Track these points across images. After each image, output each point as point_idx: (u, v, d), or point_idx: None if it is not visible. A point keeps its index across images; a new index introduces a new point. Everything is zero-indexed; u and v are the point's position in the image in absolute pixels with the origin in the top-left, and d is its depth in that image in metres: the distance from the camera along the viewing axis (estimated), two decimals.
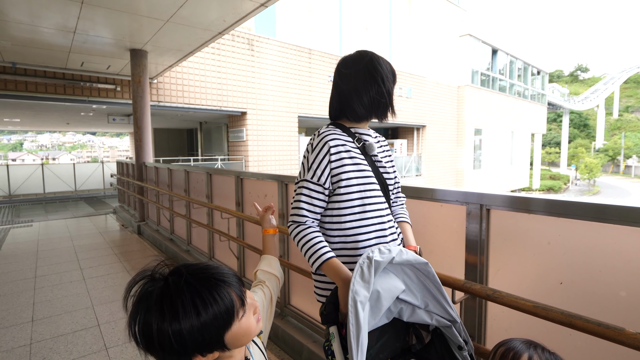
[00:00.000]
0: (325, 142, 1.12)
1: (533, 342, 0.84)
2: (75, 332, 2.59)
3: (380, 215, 1.16)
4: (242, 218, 2.80)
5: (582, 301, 1.15)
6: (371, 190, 1.15)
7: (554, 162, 50.70)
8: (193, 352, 0.64)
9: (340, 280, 0.98)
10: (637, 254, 1.04)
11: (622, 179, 48.14)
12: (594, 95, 55.53)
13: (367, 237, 1.13)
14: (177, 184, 4.54)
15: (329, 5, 11.87)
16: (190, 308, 0.61)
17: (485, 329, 1.40)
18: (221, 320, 0.64)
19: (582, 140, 57.08)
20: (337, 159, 1.11)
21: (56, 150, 63.69)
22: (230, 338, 0.66)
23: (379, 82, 1.15)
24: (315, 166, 1.11)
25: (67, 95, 6.89)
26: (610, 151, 50.58)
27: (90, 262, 4.25)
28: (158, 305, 0.61)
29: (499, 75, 18.56)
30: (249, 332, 0.69)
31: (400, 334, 1.01)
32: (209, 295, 0.63)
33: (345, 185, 1.11)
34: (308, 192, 1.12)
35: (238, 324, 0.67)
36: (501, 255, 1.35)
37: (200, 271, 0.66)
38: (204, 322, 0.62)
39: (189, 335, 0.61)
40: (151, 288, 0.64)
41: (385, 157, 1.26)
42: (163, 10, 4.15)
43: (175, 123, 13.58)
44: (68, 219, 7.40)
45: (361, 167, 1.15)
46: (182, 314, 0.60)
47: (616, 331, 0.92)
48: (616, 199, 9.26)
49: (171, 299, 0.61)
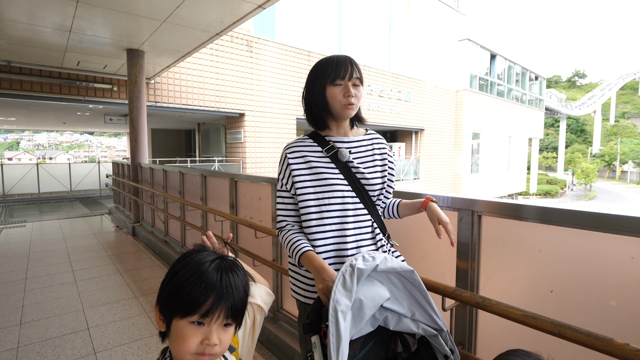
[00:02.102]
0: (284, 153, 1.20)
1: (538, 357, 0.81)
2: (63, 335, 2.55)
3: (342, 222, 1.13)
4: (236, 221, 2.78)
5: (573, 310, 1.14)
6: (333, 198, 1.12)
7: (551, 166, 50.91)
8: (160, 302, 0.73)
9: (314, 270, 1.03)
10: (627, 264, 1.03)
11: (618, 184, 48.37)
12: (591, 101, 55.90)
13: (325, 243, 1.13)
14: (172, 185, 4.52)
15: (329, 7, 11.89)
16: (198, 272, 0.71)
17: (475, 337, 1.38)
18: (187, 300, 0.68)
19: (579, 145, 57.38)
20: (295, 166, 1.15)
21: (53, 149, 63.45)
22: (174, 327, 0.70)
23: (306, 92, 1.21)
24: (280, 176, 1.21)
25: (63, 94, 6.85)
26: (606, 157, 50.83)
27: (82, 264, 4.21)
28: (197, 259, 0.74)
29: (497, 80, 18.63)
30: (182, 341, 0.68)
31: (386, 343, 1.00)
32: (211, 279, 0.71)
33: (301, 194, 1.14)
34: (281, 199, 1.21)
35: (188, 325, 0.69)
36: (492, 262, 1.33)
37: (236, 267, 0.77)
38: (186, 288, 0.69)
39: (172, 284, 0.72)
40: (209, 256, 0.76)
41: (365, 163, 1.21)
42: (160, 11, 4.14)
43: (173, 124, 13.54)
44: (62, 220, 7.34)
45: (323, 176, 1.13)
46: (190, 269, 0.72)
47: (605, 342, 0.91)
48: (612, 204, 9.33)
49: (206, 264, 0.74)
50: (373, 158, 1.23)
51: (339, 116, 1.17)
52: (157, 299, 0.74)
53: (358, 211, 1.16)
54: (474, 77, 16.82)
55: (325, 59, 1.17)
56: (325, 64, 1.16)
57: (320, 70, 1.16)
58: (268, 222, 2.51)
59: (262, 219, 2.61)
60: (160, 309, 0.73)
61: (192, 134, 15.08)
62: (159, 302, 0.73)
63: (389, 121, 13.40)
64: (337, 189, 1.13)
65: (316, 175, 1.14)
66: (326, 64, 1.15)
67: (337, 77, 1.13)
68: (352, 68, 1.14)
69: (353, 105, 1.15)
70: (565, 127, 47.04)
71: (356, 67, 1.16)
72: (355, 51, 12.59)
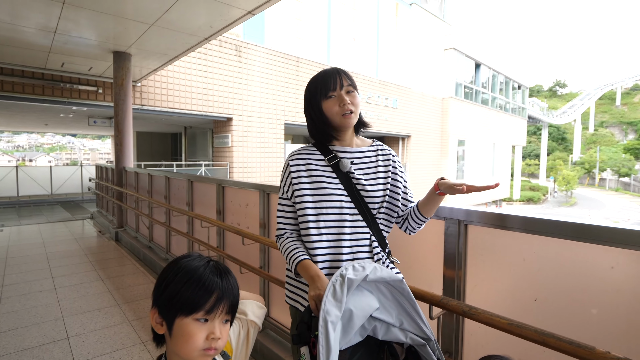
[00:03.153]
0: (287, 160, 1.21)
1: None
2: (42, 345, 2.47)
3: (338, 232, 1.12)
4: (223, 228, 2.74)
5: (556, 318, 1.16)
6: (330, 208, 1.12)
7: (533, 173, 52.21)
8: (158, 305, 0.76)
9: (309, 278, 1.03)
10: (608, 273, 1.06)
11: (597, 191, 49.92)
12: (571, 110, 57.77)
13: (321, 253, 1.12)
14: (157, 190, 4.44)
15: (318, 14, 11.99)
16: (195, 272, 0.76)
17: (462, 345, 1.39)
18: (190, 300, 0.73)
19: (560, 153, 59.07)
20: (296, 174, 1.16)
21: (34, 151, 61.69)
22: (177, 326, 0.73)
23: (306, 110, 1.22)
24: (282, 183, 1.21)
25: (46, 96, 6.68)
26: (586, 164, 52.46)
27: (62, 270, 4.09)
28: (191, 263, 0.80)
29: (481, 88, 19.07)
30: (189, 339, 0.72)
31: (374, 353, 1.00)
32: (210, 278, 0.77)
33: (300, 201, 1.14)
34: (282, 207, 1.21)
35: (193, 322, 0.73)
36: (478, 270, 1.35)
37: (224, 271, 0.82)
38: (187, 289, 0.73)
39: (172, 287, 0.75)
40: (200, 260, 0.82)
41: (367, 174, 1.18)
42: (148, 14, 4.09)
43: (159, 127, 13.35)
44: (42, 224, 7.12)
45: (322, 185, 1.13)
46: (187, 272, 0.76)
47: (587, 350, 0.93)
48: (592, 211, 9.64)
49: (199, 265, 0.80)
50: (376, 170, 1.20)
51: (340, 127, 1.17)
52: (155, 302, 0.77)
53: (356, 222, 1.14)
54: (459, 85, 17.18)
55: (314, 77, 1.18)
56: (315, 81, 1.17)
57: (312, 88, 1.17)
58: (256, 229, 2.49)
59: (249, 225, 2.59)
60: (160, 311, 0.75)
61: (179, 137, 14.90)
62: (158, 304, 0.76)
63: (376, 128, 13.52)
64: (335, 198, 1.13)
65: (316, 183, 1.14)
66: (316, 81, 1.16)
67: (328, 90, 1.13)
68: (340, 77, 1.14)
69: (352, 114, 1.14)
70: (547, 135, 48.38)
71: (345, 75, 1.16)
72: (344, 58, 12.71)
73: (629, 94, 74.03)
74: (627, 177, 49.16)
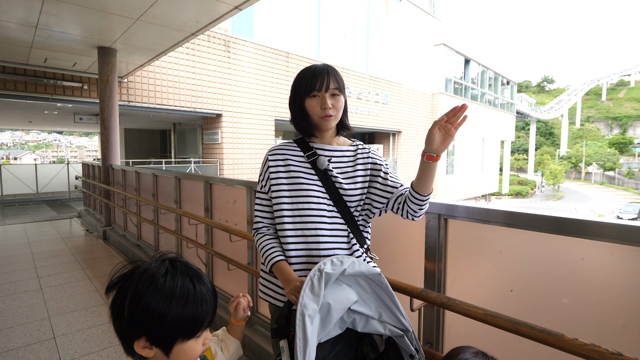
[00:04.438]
0: (266, 155, 1.22)
1: (482, 352, 0.87)
2: (27, 345, 2.44)
3: (316, 228, 1.12)
4: (211, 225, 2.74)
5: (531, 307, 1.20)
6: (308, 203, 1.12)
7: (522, 168, 52.99)
8: (147, 335, 0.70)
9: (284, 281, 1.05)
10: (579, 264, 1.10)
11: (583, 184, 50.98)
12: (559, 106, 58.69)
13: (297, 248, 1.12)
14: (145, 187, 4.40)
15: (308, 9, 11.93)
16: (184, 295, 0.71)
17: (443, 336, 1.43)
18: (192, 324, 0.71)
19: (547, 147, 60.05)
20: (274, 168, 1.18)
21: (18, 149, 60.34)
22: (177, 349, 0.72)
23: (290, 105, 1.22)
24: (260, 177, 1.23)
25: (28, 92, 6.55)
26: (573, 158, 53.49)
27: (49, 270, 4.03)
28: (161, 281, 0.70)
29: (471, 84, 19.24)
30: (191, 355, 0.74)
31: (354, 344, 1.02)
32: (200, 294, 0.73)
33: (276, 197, 1.15)
34: (259, 201, 1.22)
35: (194, 341, 0.74)
36: (458, 263, 1.39)
37: (199, 273, 0.77)
38: (184, 315, 0.70)
39: (169, 320, 0.69)
40: (157, 265, 0.74)
41: (344, 173, 1.18)
42: (133, 9, 4.03)
43: (148, 123, 13.18)
44: (27, 224, 7.00)
45: (300, 181, 1.13)
46: (176, 297, 0.70)
47: (557, 337, 0.97)
48: (578, 204, 9.91)
49: (173, 279, 0.71)
50: (354, 169, 1.20)
51: (318, 127, 1.17)
52: (145, 333, 0.70)
53: (334, 219, 1.15)
54: (449, 81, 17.31)
55: (303, 70, 1.17)
56: (303, 76, 1.15)
57: (298, 82, 1.16)
58: (243, 226, 2.50)
59: (237, 222, 2.59)
60: (153, 341, 0.70)
61: (168, 134, 14.73)
62: (149, 337, 0.70)
63: (367, 123, 13.57)
64: (313, 194, 1.13)
65: (293, 179, 1.14)
66: (303, 75, 1.15)
67: (312, 89, 1.12)
68: (328, 79, 1.12)
69: (331, 117, 1.14)
70: (535, 130, 49.09)
71: (334, 77, 1.13)
72: (334, 53, 12.69)
73: (614, 90, 75.50)
74: (611, 171, 50.28)
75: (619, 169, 49.82)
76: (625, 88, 74.68)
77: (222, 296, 2.77)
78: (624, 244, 1.02)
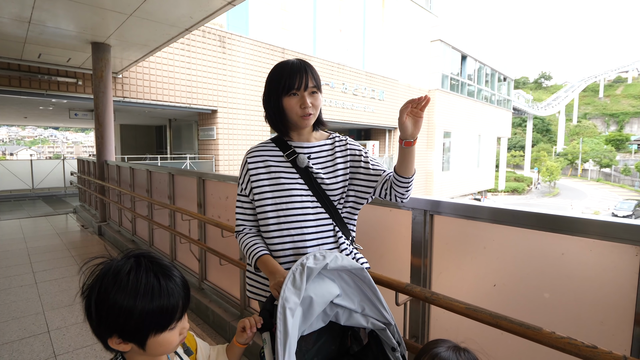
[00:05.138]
0: (245, 158, 1.21)
1: (457, 346, 0.89)
2: (22, 339, 2.46)
3: (304, 224, 1.14)
4: (204, 220, 2.76)
5: (513, 302, 1.23)
6: (292, 202, 1.13)
7: (518, 164, 53.21)
8: (117, 332, 0.71)
9: (269, 274, 1.06)
10: (559, 259, 1.12)
11: (580, 181, 51.27)
12: (556, 102, 58.83)
13: (284, 247, 1.14)
14: (139, 183, 4.40)
15: (303, 5, 11.86)
16: (149, 291, 0.71)
17: (428, 330, 1.46)
18: (161, 317, 0.72)
19: (544, 144, 60.28)
20: (254, 171, 1.17)
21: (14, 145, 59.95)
22: (152, 342, 0.73)
23: (264, 101, 1.18)
24: (240, 179, 1.22)
25: (23, 88, 6.51)
26: (569, 155, 53.72)
27: (44, 265, 4.04)
28: (125, 278, 0.70)
29: (467, 80, 19.24)
30: (168, 346, 0.75)
31: (337, 337, 1.04)
32: (166, 289, 0.73)
33: (259, 199, 1.15)
34: (240, 203, 1.22)
35: (168, 333, 0.74)
36: (443, 258, 1.41)
37: (166, 268, 0.76)
38: (151, 309, 0.70)
39: (136, 316, 0.69)
40: (121, 263, 0.73)
41: (325, 168, 1.19)
42: (126, 4, 4.01)
43: (143, 119, 13.12)
44: (23, 219, 6.98)
45: (281, 181, 1.14)
46: (140, 293, 0.70)
47: (535, 331, 0.99)
48: (574, 201, 10.06)
49: (137, 276, 0.71)
50: (334, 162, 1.21)
51: (296, 126, 1.17)
52: (116, 331, 0.71)
53: (319, 215, 1.17)
54: (445, 77, 17.30)
55: (279, 67, 1.13)
56: (279, 72, 1.11)
57: (274, 80, 1.12)
58: (235, 222, 2.51)
59: (229, 218, 2.61)
60: (126, 338, 0.72)
61: (163, 130, 14.68)
62: (121, 334, 0.71)
63: (363, 119, 13.56)
64: (296, 193, 1.14)
65: (275, 179, 1.14)
66: (280, 73, 1.11)
67: (291, 88, 1.09)
68: (306, 77, 1.10)
69: (310, 116, 1.13)
70: (531, 126, 49.25)
71: (312, 74, 1.12)
72: (330, 49, 12.64)
73: (611, 87, 75.75)
74: (608, 168, 50.58)
75: (615, 165, 50.11)
76: (623, 85, 74.95)
77: (215, 291, 2.79)
78: (602, 240, 1.04)
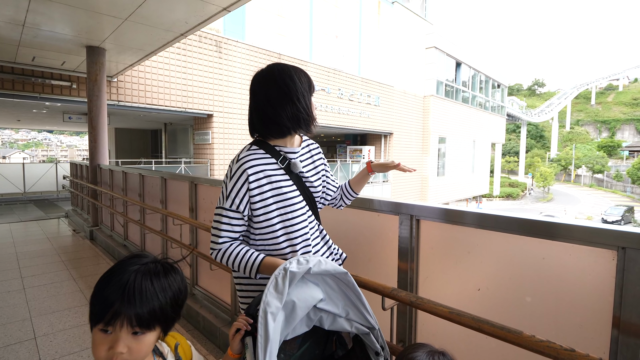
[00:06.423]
0: (243, 170, 1.10)
1: (434, 350, 0.90)
2: (7, 346, 2.42)
3: (303, 227, 1.18)
4: (195, 225, 2.75)
5: (496, 306, 1.24)
6: (294, 210, 1.15)
7: (512, 170, 53.61)
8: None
9: None
10: (540, 264, 1.14)
11: (573, 187, 51.73)
12: (549, 109, 59.48)
13: (294, 250, 1.16)
14: (132, 188, 4.39)
15: (300, 11, 11.96)
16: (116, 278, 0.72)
17: (415, 334, 1.46)
18: (99, 304, 0.70)
19: (538, 150, 60.82)
20: (256, 187, 1.11)
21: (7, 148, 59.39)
22: (92, 334, 0.72)
23: (293, 100, 1.13)
24: (233, 195, 1.10)
25: (16, 90, 6.48)
26: (562, 161, 54.21)
27: (33, 270, 3.99)
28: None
29: (462, 87, 19.43)
30: (94, 349, 0.71)
31: (321, 342, 1.05)
32: (133, 286, 0.71)
33: (264, 212, 1.13)
34: (228, 219, 1.11)
35: (98, 332, 0.71)
36: (429, 263, 1.42)
37: (168, 270, 0.78)
38: (100, 291, 0.71)
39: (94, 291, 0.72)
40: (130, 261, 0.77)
41: (310, 171, 1.26)
42: (121, 8, 4.02)
43: (138, 123, 13.09)
44: (13, 223, 6.90)
45: (283, 190, 1.14)
46: (113, 278, 0.72)
47: (515, 334, 1.00)
48: (567, 206, 10.17)
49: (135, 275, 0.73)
50: (314, 165, 1.29)
51: (309, 129, 1.21)
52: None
53: (311, 217, 1.22)
54: (440, 84, 17.46)
55: (300, 70, 1.19)
56: (306, 75, 1.20)
57: (303, 80, 1.17)
58: None
59: None
60: None
61: (159, 134, 14.63)
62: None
63: (358, 124, 13.63)
64: (295, 201, 1.16)
65: (276, 189, 1.13)
66: (306, 75, 1.20)
67: (314, 90, 1.21)
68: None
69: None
70: (525, 132, 49.67)
71: None
72: (326, 55, 12.73)
73: (603, 94, 76.77)
74: (600, 174, 51.10)
75: (607, 171, 50.65)
76: (614, 92, 76.03)
77: (206, 297, 2.78)
78: (581, 245, 1.06)
